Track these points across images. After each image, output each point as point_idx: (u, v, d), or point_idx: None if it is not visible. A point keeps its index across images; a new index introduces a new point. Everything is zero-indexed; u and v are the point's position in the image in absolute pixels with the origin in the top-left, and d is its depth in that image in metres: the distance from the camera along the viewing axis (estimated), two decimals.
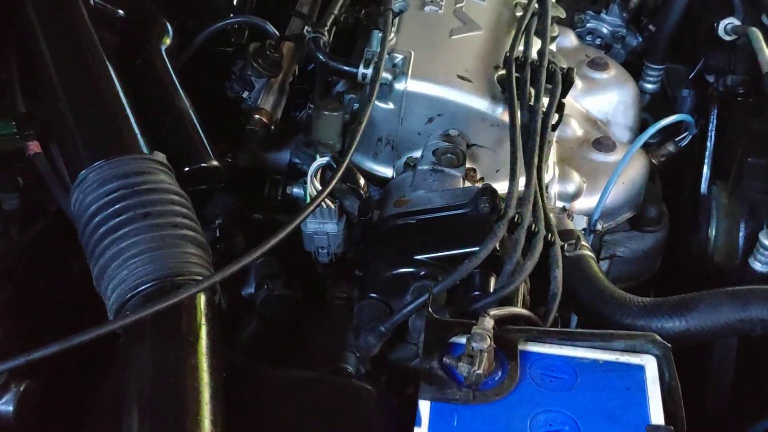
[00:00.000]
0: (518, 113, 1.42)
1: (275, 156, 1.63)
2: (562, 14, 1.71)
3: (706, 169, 1.94)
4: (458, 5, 1.62)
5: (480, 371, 0.99)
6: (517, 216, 1.28)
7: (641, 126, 1.93)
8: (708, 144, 1.94)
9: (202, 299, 1.08)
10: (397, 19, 1.59)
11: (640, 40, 2.20)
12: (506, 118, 1.46)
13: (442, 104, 1.47)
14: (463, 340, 1.04)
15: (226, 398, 1.02)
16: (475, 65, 1.51)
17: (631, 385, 1.03)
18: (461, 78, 1.47)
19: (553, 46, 1.63)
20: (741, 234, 1.71)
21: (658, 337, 1.08)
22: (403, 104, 1.48)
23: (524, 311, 1.16)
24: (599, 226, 1.58)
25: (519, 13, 1.68)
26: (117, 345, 1.10)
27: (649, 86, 2.18)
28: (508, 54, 1.50)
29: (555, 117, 1.47)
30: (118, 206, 1.11)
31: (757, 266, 1.58)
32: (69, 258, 1.54)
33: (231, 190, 1.56)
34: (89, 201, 1.14)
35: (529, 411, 0.99)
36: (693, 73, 2.13)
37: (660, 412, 1.00)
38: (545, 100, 1.47)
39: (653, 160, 1.84)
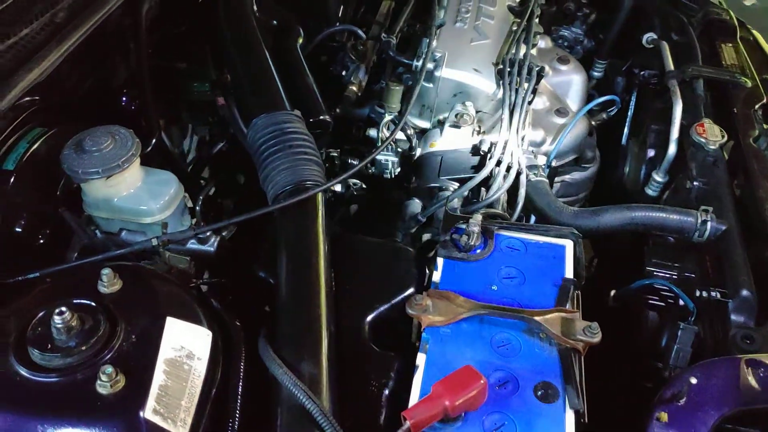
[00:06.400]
0: (508, 93, 1.50)
1: (359, 111, 1.67)
2: (541, 30, 1.75)
3: (626, 129, 2.00)
4: (476, 23, 1.67)
5: (472, 243, 1.15)
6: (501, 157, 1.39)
7: (588, 99, 1.92)
8: (629, 113, 2.00)
9: (320, 196, 1.21)
10: (438, 30, 1.65)
11: (593, 43, 2.21)
12: (500, 95, 1.53)
13: (462, 86, 1.54)
14: (464, 226, 1.19)
15: (332, 251, 1.16)
16: (483, 62, 1.57)
17: (556, 255, 1.17)
18: (475, 70, 1.55)
19: (534, 51, 1.68)
20: (642, 173, 1.79)
21: (575, 230, 1.20)
22: (438, 84, 1.54)
23: (500, 212, 1.29)
24: (554, 163, 1.64)
25: (515, 28, 1.71)
26: (272, 220, 1.22)
27: (596, 74, 2.21)
28: (505, 56, 1.57)
29: (530, 96, 1.55)
30: (274, 141, 1.25)
31: (650, 192, 1.69)
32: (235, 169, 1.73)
33: (333, 131, 1.63)
34: (258, 137, 1.27)
35: (497, 266, 1.15)
36: (625, 67, 2.15)
37: (571, 271, 1.14)
38: (525, 85, 1.53)
39: (592, 122, 1.85)
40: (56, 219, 1.23)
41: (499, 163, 1.41)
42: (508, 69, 1.54)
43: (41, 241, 1.22)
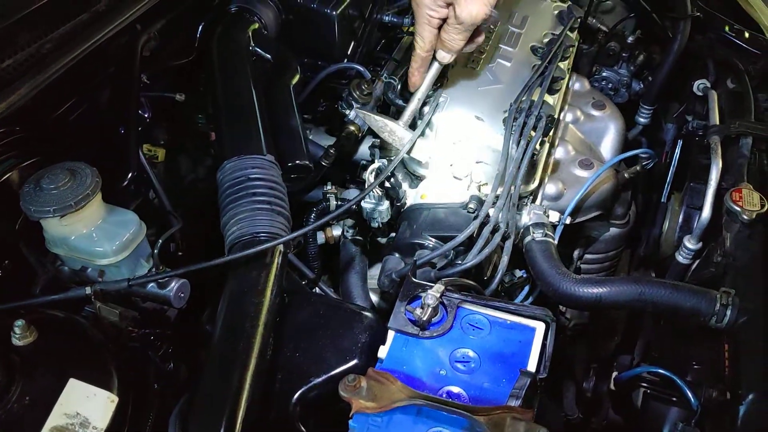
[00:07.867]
0: (508, 144, 1.36)
1: (362, 150, 1.63)
2: (565, 75, 1.60)
3: (667, 184, 1.88)
4: (490, 65, 1.56)
5: (425, 318, 1.03)
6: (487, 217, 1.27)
7: (627, 148, 1.77)
8: (671, 166, 1.87)
9: (280, 249, 1.15)
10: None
11: (642, 86, 2.06)
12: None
13: (462, 134, 1.43)
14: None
15: (281, 306, 1.09)
16: (489, 109, 1.45)
17: (522, 339, 1.05)
18: (477, 117, 1.44)
19: (550, 99, 1.54)
20: (676, 236, 1.66)
21: (550, 313, 1.06)
22: (436, 131, 1.45)
23: (469, 282, 1.16)
24: (567, 220, 1.47)
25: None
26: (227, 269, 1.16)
27: (642, 120, 2.06)
28: (513, 103, 1.43)
29: (536, 148, 1.38)
30: (238, 187, 1.20)
31: (680, 259, 1.53)
32: None
33: (334, 168, 1.57)
34: (225, 180, 1.23)
35: (451, 347, 1.04)
36: (677, 113, 2.01)
37: (535, 361, 1.01)
38: (532, 134, 1.37)
39: (626, 174, 1.68)
40: (18, 252, 1.22)
41: (484, 224, 1.27)
42: (515, 117, 1.41)
43: None
